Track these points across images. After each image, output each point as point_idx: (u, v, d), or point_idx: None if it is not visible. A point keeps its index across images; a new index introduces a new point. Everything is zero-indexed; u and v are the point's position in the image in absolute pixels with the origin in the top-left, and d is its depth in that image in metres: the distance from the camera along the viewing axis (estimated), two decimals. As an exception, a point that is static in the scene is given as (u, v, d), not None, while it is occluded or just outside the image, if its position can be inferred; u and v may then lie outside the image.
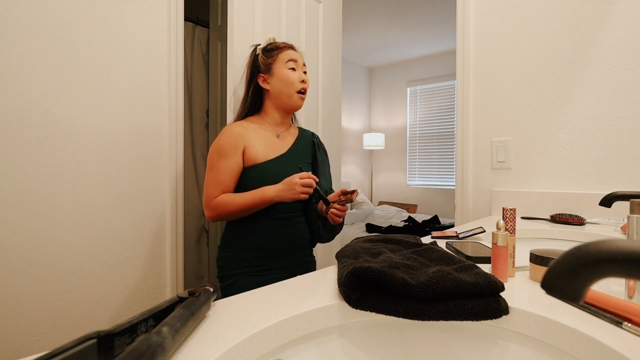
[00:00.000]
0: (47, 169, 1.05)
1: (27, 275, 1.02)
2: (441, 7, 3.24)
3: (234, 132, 1.01)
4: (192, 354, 0.35)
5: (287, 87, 1.04)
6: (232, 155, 1.00)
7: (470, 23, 1.51)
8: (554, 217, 1.18)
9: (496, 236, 0.57)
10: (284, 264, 1.04)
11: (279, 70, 1.05)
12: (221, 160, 0.99)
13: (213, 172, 1.00)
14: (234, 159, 1.00)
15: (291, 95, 1.05)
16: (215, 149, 1.01)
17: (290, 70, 1.05)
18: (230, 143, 1.00)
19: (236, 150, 1.00)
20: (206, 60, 2.31)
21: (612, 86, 1.21)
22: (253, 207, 0.97)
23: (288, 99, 1.05)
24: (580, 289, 0.21)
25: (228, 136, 1.01)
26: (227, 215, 0.99)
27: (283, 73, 1.04)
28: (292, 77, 1.05)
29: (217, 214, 0.99)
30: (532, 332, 0.45)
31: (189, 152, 2.21)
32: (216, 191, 0.99)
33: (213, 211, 0.99)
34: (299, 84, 1.05)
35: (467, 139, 1.52)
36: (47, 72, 1.05)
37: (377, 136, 4.51)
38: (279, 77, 1.05)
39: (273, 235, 1.03)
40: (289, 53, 1.07)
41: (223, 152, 1.00)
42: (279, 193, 0.96)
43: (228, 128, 1.03)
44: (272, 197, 0.96)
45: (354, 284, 0.48)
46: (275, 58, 1.06)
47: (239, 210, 0.97)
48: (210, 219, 1.01)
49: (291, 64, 1.05)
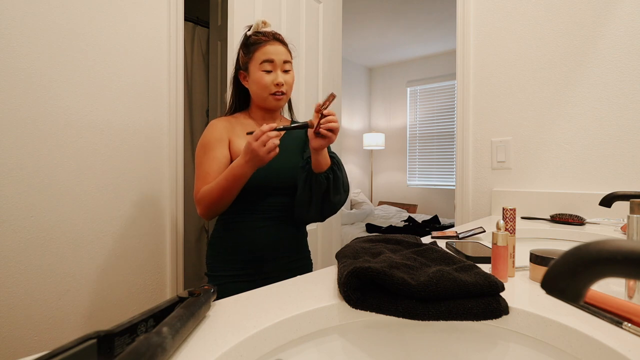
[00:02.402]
0: (46, 168, 1.05)
1: (27, 275, 1.02)
2: (441, 7, 3.24)
3: (217, 126, 0.99)
4: (192, 354, 0.35)
5: (260, 91, 0.98)
6: (217, 147, 0.96)
7: (470, 23, 1.51)
8: (554, 217, 1.18)
9: (496, 236, 0.57)
10: (275, 269, 0.99)
11: (253, 72, 0.98)
12: (207, 153, 0.96)
13: (200, 167, 0.96)
14: (219, 150, 0.96)
15: (265, 99, 0.99)
16: (201, 144, 0.98)
17: (264, 72, 0.96)
18: (215, 136, 0.97)
19: (221, 142, 0.97)
20: (206, 60, 2.31)
21: (612, 86, 1.21)
22: (229, 187, 0.88)
23: (263, 101, 1.00)
24: (580, 289, 0.21)
25: (212, 130, 0.98)
26: (213, 204, 0.91)
27: (256, 76, 0.98)
28: (264, 81, 0.96)
29: (204, 207, 0.93)
30: (532, 332, 0.45)
31: (189, 152, 2.21)
32: (202, 184, 0.94)
33: (200, 204, 0.93)
34: (273, 87, 0.97)
35: (467, 139, 1.52)
36: (47, 73, 1.05)
37: (377, 136, 4.51)
38: (252, 79, 0.99)
39: (257, 237, 0.97)
40: (266, 51, 0.97)
41: (208, 145, 0.97)
42: (246, 164, 0.85)
43: (212, 123, 1.01)
44: (241, 172, 0.86)
45: (354, 284, 0.48)
46: (251, 57, 0.99)
47: (218, 195, 0.90)
48: (201, 215, 0.95)
49: (265, 66, 0.97)
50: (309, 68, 1.72)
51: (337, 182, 0.97)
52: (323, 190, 0.95)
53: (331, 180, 0.95)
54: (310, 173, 0.94)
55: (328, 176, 0.94)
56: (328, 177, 0.94)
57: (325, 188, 0.95)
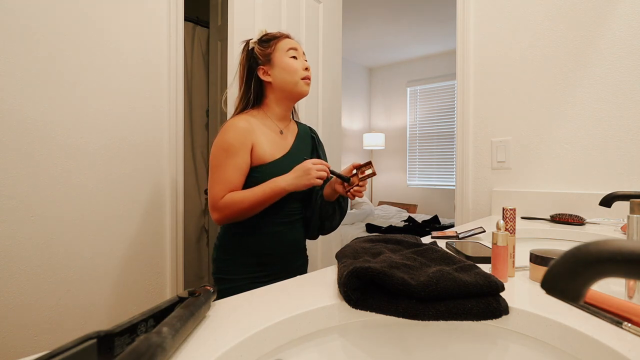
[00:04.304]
0: (46, 169, 1.05)
1: (27, 275, 1.02)
2: (441, 7, 3.24)
3: (241, 128, 0.95)
4: (192, 354, 0.35)
5: (291, 76, 0.99)
6: (241, 153, 0.93)
7: (470, 23, 1.51)
8: (554, 217, 1.18)
9: (496, 236, 0.57)
10: (283, 269, 1.02)
11: (280, 59, 1.00)
12: (229, 158, 0.92)
13: (220, 171, 0.93)
14: (242, 158, 0.94)
15: (296, 83, 1.00)
16: (223, 145, 0.93)
17: (292, 58, 1.00)
18: (239, 140, 0.93)
19: (245, 147, 0.94)
20: (206, 60, 2.31)
21: (612, 86, 1.21)
22: (264, 201, 0.91)
23: (294, 86, 1.00)
24: (580, 289, 0.21)
25: (236, 132, 0.94)
26: (238, 214, 0.92)
27: (285, 61, 0.99)
28: (295, 64, 0.99)
29: (226, 215, 0.92)
30: (532, 332, 0.45)
31: (189, 152, 2.21)
32: (223, 191, 0.92)
33: (221, 212, 0.92)
34: (303, 71, 1.00)
35: (467, 139, 1.52)
36: (46, 73, 1.05)
37: (377, 136, 4.51)
38: (281, 66, 0.99)
39: (275, 239, 1.00)
40: (288, 42, 1.02)
41: (232, 149, 0.93)
42: (293, 181, 0.91)
43: (234, 123, 0.96)
44: (284, 187, 0.91)
45: (354, 284, 0.48)
46: (274, 48, 1.01)
47: (249, 207, 0.91)
48: (218, 221, 0.94)
49: (292, 52, 1.00)
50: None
51: (344, 211, 1.13)
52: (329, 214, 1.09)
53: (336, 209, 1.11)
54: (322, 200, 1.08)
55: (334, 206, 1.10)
56: (341, 205, 1.11)
57: (330, 214, 1.09)
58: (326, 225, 1.10)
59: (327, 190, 1.06)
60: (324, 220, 1.09)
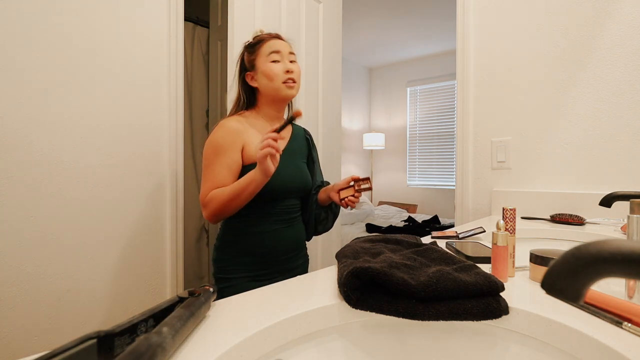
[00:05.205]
0: (46, 168, 1.05)
1: (27, 275, 1.02)
2: (441, 7, 3.24)
3: (231, 128, 0.96)
4: (192, 354, 0.35)
5: (272, 82, 0.99)
6: (230, 152, 0.95)
7: (470, 23, 1.51)
8: (554, 217, 1.18)
9: (496, 236, 0.57)
10: (284, 268, 1.03)
11: (261, 65, 1.00)
12: (218, 157, 0.94)
13: (209, 170, 0.95)
14: (232, 157, 0.95)
15: (278, 88, 1.00)
16: (212, 145, 0.96)
17: (273, 63, 0.99)
18: (228, 139, 0.95)
19: (234, 146, 0.95)
20: (206, 60, 2.31)
21: (612, 86, 1.21)
22: (240, 191, 0.90)
23: (277, 92, 1.00)
24: (580, 289, 0.21)
25: (225, 132, 0.96)
26: (221, 207, 0.92)
27: (265, 68, 0.99)
28: (274, 70, 0.98)
29: (211, 210, 0.94)
30: (532, 332, 0.45)
31: (188, 152, 2.21)
32: (211, 189, 0.94)
33: (206, 208, 0.94)
34: (283, 75, 0.99)
35: (467, 139, 1.52)
36: (46, 73, 1.05)
37: (377, 136, 4.51)
38: (262, 72, 1.00)
39: (275, 238, 1.00)
40: (271, 44, 1.01)
41: (220, 148, 0.95)
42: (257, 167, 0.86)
43: (224, 123, 0.98)
44: (253, 175, 0.88)
45: (354, 284, 0.48)
46: (257, 53, 1.01)
47: (228, 199, 0.91)
48: (207, 218, 0.96)
49: (273, 56, 0.99)
50: (309, 68, 1.72)
51: (337, 215, 1.19)
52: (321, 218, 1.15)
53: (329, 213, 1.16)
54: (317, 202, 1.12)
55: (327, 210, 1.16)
56: (333, 211, 1.16)
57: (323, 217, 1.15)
58: (319, 228, 1.16)
59: (322, 196, 1.10)
60: (317, 224, 1.14)
